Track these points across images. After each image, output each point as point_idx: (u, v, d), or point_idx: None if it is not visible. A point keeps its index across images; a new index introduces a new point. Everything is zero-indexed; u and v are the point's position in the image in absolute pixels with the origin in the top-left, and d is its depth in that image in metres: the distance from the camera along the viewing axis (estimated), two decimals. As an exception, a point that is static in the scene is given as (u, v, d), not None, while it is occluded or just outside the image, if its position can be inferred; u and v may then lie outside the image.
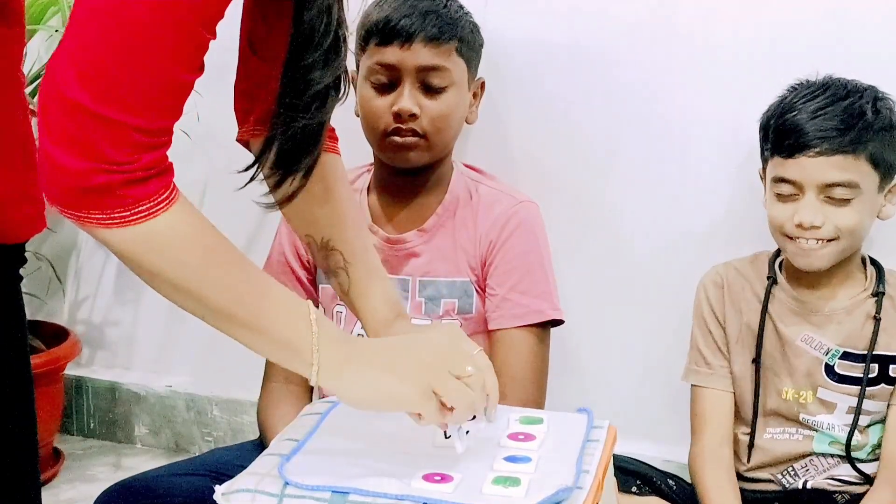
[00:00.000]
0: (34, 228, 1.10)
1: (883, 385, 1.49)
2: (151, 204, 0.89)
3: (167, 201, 0.90)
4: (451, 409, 1.01)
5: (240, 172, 1.06)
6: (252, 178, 1.07)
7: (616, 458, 1.15)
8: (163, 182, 0.90)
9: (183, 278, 0.93)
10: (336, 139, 1.25)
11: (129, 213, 0.88)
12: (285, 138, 1.06)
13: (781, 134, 1.44)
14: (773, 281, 1.53)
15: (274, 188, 1.11)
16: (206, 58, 0.94)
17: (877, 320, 1.48)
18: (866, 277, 1.52)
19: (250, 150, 1.16)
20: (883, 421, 1.51)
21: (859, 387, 1.48)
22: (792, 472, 1.53)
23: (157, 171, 0.89)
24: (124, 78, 0.86)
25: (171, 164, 0.92)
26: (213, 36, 0.90)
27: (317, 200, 1.21)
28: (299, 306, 0.99)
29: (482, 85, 1.66)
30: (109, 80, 0.85)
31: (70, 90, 0.85)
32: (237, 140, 1.19)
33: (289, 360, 1.00)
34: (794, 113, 1.44)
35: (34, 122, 1.84)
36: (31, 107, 1.10)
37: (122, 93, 0.86)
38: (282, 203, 1.12)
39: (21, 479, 1.08)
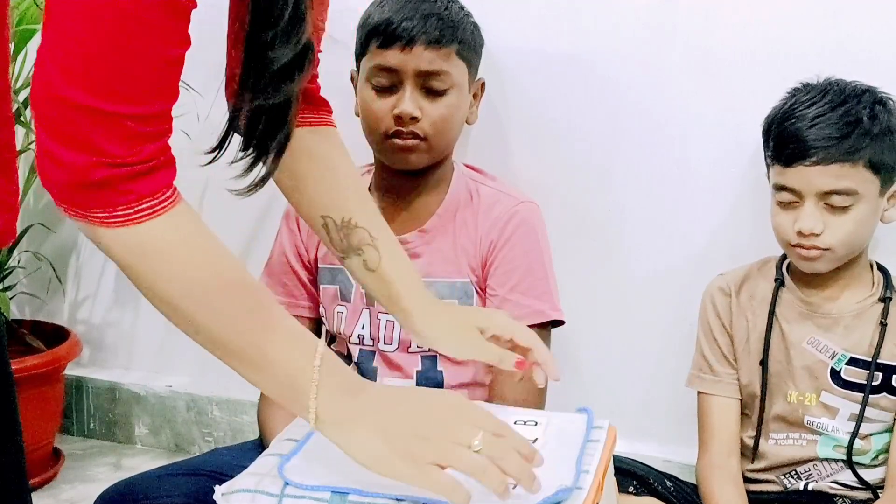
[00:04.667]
0: (2, 241, 1.01)
1: (885, 394, 1.49)
2: (155, 202, 0.86)
3: (170, 200, 0.87)
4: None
5: (205, 154, 1.01)
6: (214, 159, 1.01)
7: (614, 458, 1.15)
8: (166, 177, 0.87)
9: (179, 291, 0.88)
10: (330, 111, 1.21)
11: (132, 210, 0.85)
12: (250, 119, 1.01)
13: (781, 142, 1.45)
14: (780, 283, 1.52)
15: (246, 171, 1.04)
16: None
17: (882, 326, 1.47)
18: (873, 282, 1.52)
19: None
20: (889, 430, 1.50)
21: (862, 393, 1.47)
22: (794, 475, 1.53)
23: (160, 163, 0.86)
24: (108, 64, 0.81)
25: (173, 157, 0.88)
26: (194, 3, 0.85)
27: (327, 178, 1.16)
28: (306, 343, 0.94)
29: (482, 85, 1.66)
30: (93, 69, 0.81)
31: (55, 87, 0.81)
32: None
33: (289, 401, 0.95)
34: (793, 121, 1.44)
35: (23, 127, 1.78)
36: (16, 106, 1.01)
37: (109, 81, 0.81)
38: (253, 188, 1.06)
39: (5, 477, 1.05)
